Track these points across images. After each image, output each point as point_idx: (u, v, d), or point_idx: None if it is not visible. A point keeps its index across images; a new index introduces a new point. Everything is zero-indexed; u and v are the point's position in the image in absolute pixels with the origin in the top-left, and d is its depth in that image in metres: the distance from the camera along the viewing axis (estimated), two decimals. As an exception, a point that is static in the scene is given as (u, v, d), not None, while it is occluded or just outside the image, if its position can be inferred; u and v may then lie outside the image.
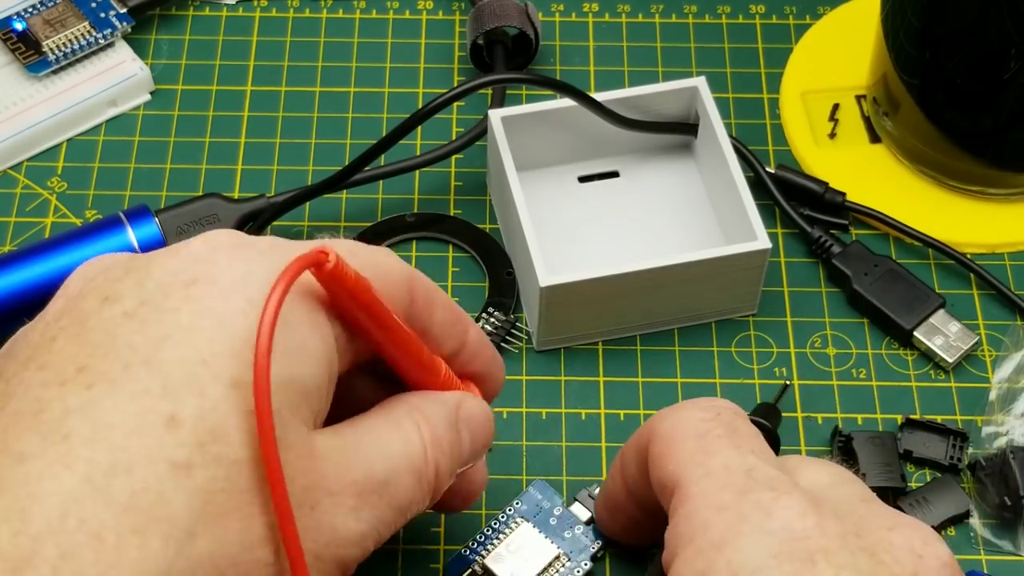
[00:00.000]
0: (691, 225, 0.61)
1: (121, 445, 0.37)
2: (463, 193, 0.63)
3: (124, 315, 0.39)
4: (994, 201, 0.63)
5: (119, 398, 0.37)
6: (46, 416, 0.37)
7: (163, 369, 0.38)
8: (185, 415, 0.37)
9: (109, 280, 0.40)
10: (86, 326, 0.39)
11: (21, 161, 0.64)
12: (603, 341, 0.59)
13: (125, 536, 0.36)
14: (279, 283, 0.38)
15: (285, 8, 0.69)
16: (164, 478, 0.37)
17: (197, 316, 0.39)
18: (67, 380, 0.38)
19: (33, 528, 0.35)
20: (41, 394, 0.38)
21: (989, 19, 0.56)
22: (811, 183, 0.62)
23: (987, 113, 0.60)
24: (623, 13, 0.70)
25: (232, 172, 0.64)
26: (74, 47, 0.65)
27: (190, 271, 0.40)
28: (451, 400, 0.46)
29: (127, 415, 0.37)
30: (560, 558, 0.51)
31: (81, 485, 0.36)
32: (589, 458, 0.56)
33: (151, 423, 0.37)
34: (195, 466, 0.37)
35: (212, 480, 0.37)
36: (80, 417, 0.37)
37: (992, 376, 0.58)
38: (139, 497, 0.36)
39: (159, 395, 0.37)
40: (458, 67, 0.68)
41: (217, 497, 0.37)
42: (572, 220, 0.61)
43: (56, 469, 0.36)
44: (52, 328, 0.40)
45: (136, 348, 0.38)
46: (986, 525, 0.54)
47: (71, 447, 0.36)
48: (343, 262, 0.40)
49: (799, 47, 0.68)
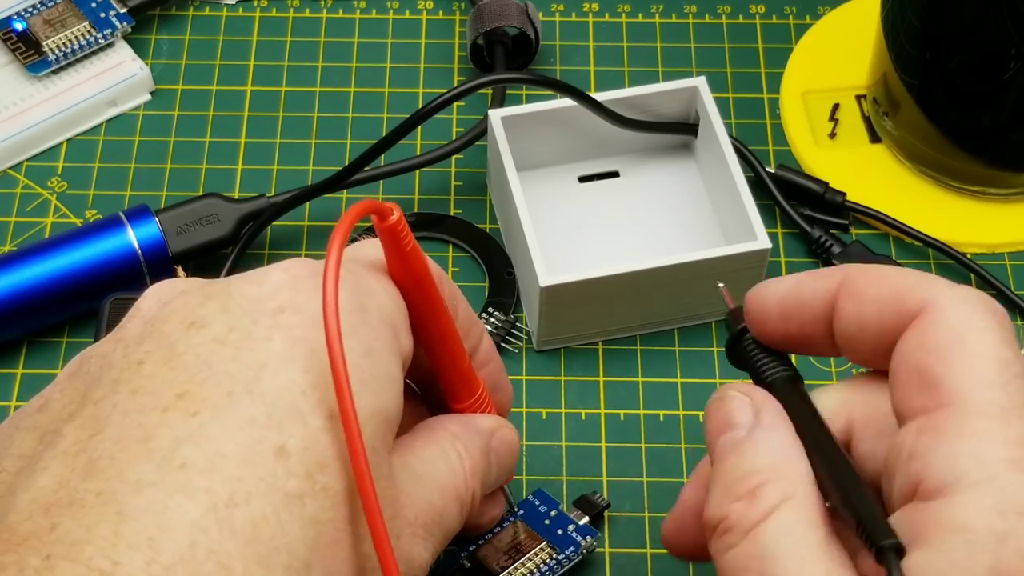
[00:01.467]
0: (691, 225, 0.61)
1: (237, 475, 0.37)
2: (463, 193, 0.63)
3: (215, 341, 0.39)
4: (994, 201, 0.63)
5: (227, 427, 0.37)
6: (155, 444, 0.37)
7: (266, 399, 0.38)
8: (292, 446, 0.37)
9: (190, 304, 0.40)
10: (175, 351, 0.39)
11: (21, 161, 0.64)
12: (603, 341, 0.59)
13: (251, 567, 0.36)
14: (338, 229, 0.38)
15: (285, 8, 0.69)
16: (280, 509, 0.37)
17: (290, 345, 0.39)
18: (168, 407, 0.38)
19: (165, 558, 0.35)
20: (143, 420, 0.37)
21: (989, 19, 0.56)
22: (811, 183, 0.62)
23: (987, 113, 0.60)
24: (623, 13, 0.70)
25: (232, 172, 0.64)
26: (74, 47, 0.65)
27: (275, 299, 0.40)
28: (486, 428, 0.46)
29: (238, 444, 0.37)
30: (547, 549, 0.51)
31: (205, 515, 0.36)
32: (589, 458, 0.56)
33: (262, 453, 0.37)
34: (306, 496, 0.37)
35: (321, 510, 0.38)
36: (192, 446, 0.37)
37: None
38: (260, 528, 0.36)
39: (265, 425, 0.37)
40: (458, 67, 0.68)
41: (326, 528, 0.38)
42: (572, 220, 0.61)
43: (179, 499, 0.36)
44: (136, 351, 0.40)
45: (235, 376, 0.38)
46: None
47: (188, 477, 0.36)
48: (404, 221, 0.40)
49: (799, 47, 0.68)
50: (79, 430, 0.38)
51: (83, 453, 0.37)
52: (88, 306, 0.58)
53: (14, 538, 0.36)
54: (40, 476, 0.37)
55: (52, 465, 0.37)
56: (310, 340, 0.39)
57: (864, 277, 0.40)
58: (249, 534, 0.36)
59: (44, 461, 0.38)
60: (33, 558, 0.35)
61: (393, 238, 0.41)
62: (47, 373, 0.58)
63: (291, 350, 0.39)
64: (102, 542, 0.35)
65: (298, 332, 0.39)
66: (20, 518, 0.36)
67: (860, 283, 0.40)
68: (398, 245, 0.41)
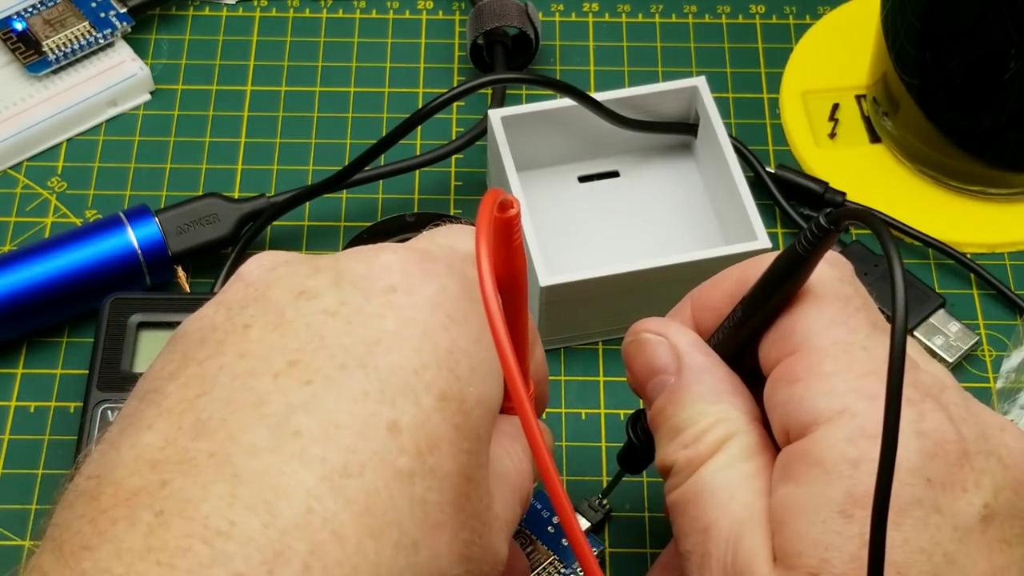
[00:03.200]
0: (691, 225, 0.61)
1: (351, 447, 0.36)
2: (463, 193, 0.63)
3: (325, 312, 0.39)
4: (994, 201, 0.63)
5: (341, 398, 0.37)
6: (269, 409, 0.37)
7: (380, 374, 0.38)
8: (404, 423, 0.37)
9: (297, 274, 0.40)
10: (284, 317, 0.39)
11: (21, 161, 0.64)
12: (603, 341, 0.59)
13: (364, 539, 0.36)
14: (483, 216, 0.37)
15: (285, 8, 0.70)
16: (391, 484, 0.37)
17: (402, 324, 0.39)
18: (280, 373, 0.37)
19: (282, 522, 0.35)
20: (254, 384, 0.37)
21: (989, 19, 0.56)
22: (811, 183, 0.62)
23: (987, 113, 0.60)
24: (623, 13, 0.70)
25: (232, 172, 0.64)
26: (74, 47, 0.65)
27: (386, 279, 0.40)
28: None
29: (353, 416, 0.37)
30: (554, 563, 0.51)
31: (320, 483, 0.36)
32: (589, 458, 0.56)
33: (375, 427, 0.37)
34: (416, 475, 0.37)
35: (429, 490, 0.37)
36: (306, 414, 0.37)
37: (1003, 366, 0.58)
38: (372, 501, 0.36)
39: (378, 400, 0.37)
40: (458, 67, 0.68)
41: (432, 509, 0.37)
42: (572, 220, 0.61)
43: (294, 466, 0.36)
44: (241, 315, 0.39)
45: (348, 349, 0.38)
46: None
47: (303, 445, 0.36)
48: (520, 217, 0.40)
49: (799, 47, 0.68)
50: (183, 388, 0.38)
51: (189, 412, 0.37)
52: (88, 306, 0.58)
53: (121, 492, 0.35)
54: (145, 433, 0.37)
55: (157, 423, 0.37)
56: (422, 322, 0.39)
57: (733, 271, 0.45)
58: (362, 506, 0.36)
59: (148, 419, 0.37)
60: (145, 513, 0.35)
61: (508, 231, 0.40)
62: (47, 373, 0.58)
63: (403, 330, 0.39)
64: (218, 501, 0.35)
65: (409, 313, 0.39)
66: (126, 473, 0.36)
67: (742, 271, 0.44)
68: (509, 238, 0.40)
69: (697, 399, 0.43)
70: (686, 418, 0.43)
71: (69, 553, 0.35)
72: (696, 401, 0.43)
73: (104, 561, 0.34)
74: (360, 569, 0.36)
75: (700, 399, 0.43)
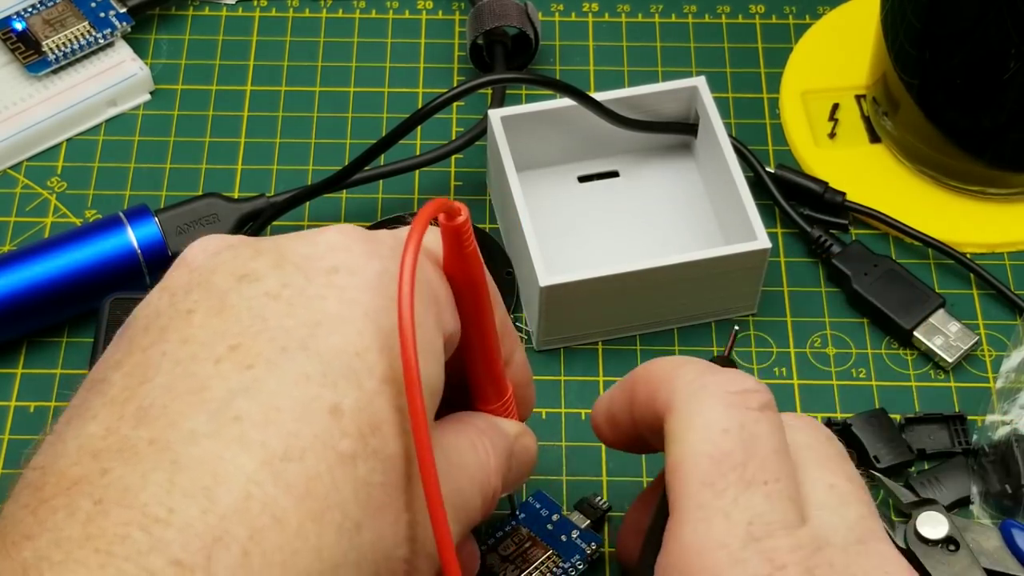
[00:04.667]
0: (691, 225, 0.61)
1: (292, 431, 0.36)
2: (463, 193, 0.63)
3: (267, 295, 0.39)
4: (994, 201, 0.63)
5: (282, 382, 0.37)
6: (209, 395, 0.37)
7: (322, 357, 0.38)
8: (346, 405, 0.37)
9: (240, 257, 0.40)
10: (226, 302, 0.39)
11: (21, 161, 0.64)
12: (603, 341, 0.59)
13: (305, 523, 0.36)
14: (416, 226, 0.38)
15: (285, 8, 0.69)
16: (333, 467, 0.37)
17: (344, 306, 0.39)
18: (221, 358, 0.37)
19: (220, 508, 0.35)
20: (195, 370, 0.37)
21: (989, 19, 0.56)
22: (811, 183, 0.62)
23: (987, 113, 0.60)
24: (623, 13, 0.70)
25: (232, 172, 0.64)
26: (74, 47, 0.65)
27: (329, 259, 0.40)
28: (511, 432, 0.46)
29: (294, 400, 0.37)
30: (552, 558, 0.51)
31: (260, 468, 0.36)
32: (589, 458, 0.56)
33: (317, 410, 0.37)
34: (358, 457, 0.37)
35: (371, 472, 0.37)
36: (247, 399, 0.37)
37: (1002, 366, 0.58)
38: (314, 484, 0.36)
39: (320, 383, 0.37)
40: (458, 67, 0.68)
41: (375, 491, 0.37)
42: (572, 220, 0.61)
43: (234, 451, 0.36)
44: (184, 300, 0.39)
45: (290, 331, 0.38)
46: (985, 511, 0.54)
47: (243, 429, 0.36)
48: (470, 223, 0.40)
49: (799, 47, 0.68)
50: (127, 377, 0.38)
51: (132, 400, 0.37)
52: (88, 306, 0.58)
53: (63, 482, 0.36)
54: (89, 424, 0.37)
55: (101, 412, 0.37)
56: (364, 303, 0.39)
57: (636, 383, 0.45)
58: (303, 490, 0.36)
59: (93, 409, 0.37)
60: (84, 501, 0.35)
61: (456, 238, 0.41)
62: (47, 373, 0.58)
63: (345, 311, 0.38)
64: (156, 488, 0.35)
65: (352, 294, 0.39)
66: (69, 463, 0.36)
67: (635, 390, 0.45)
68: (459, 245, 0.41)
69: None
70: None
71: (11, 543, 0.35)
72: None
73: (44, 550, 0.34)
74: (301, 553, 0.36)
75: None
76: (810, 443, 0.44)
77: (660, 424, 0.43)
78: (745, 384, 0.43)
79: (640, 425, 0.45)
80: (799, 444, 0.43)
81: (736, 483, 0.41)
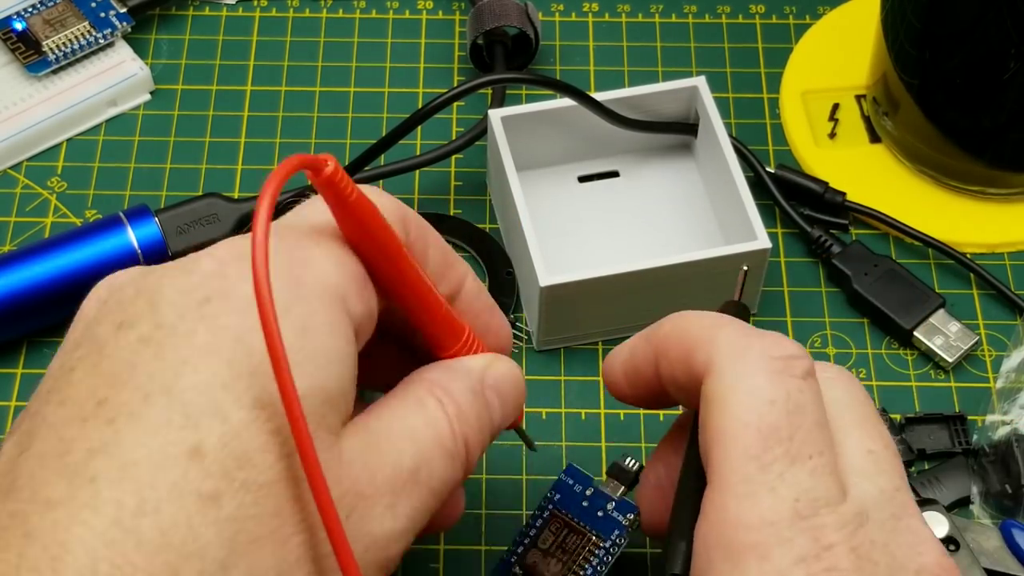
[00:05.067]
0: (691, 225, 0.61)
1: (148, 483, 0.36)
2: (463, 193, 0.63)
3: (140, 341, 0.38)
4: (994, 201, 0.63)
5: (140, 432, 0.36)
6: (71, 459, 0.36)
7: (184, 397, 0.37)
8: (208, 444, 0.36)
9: (122, 303, 0.39)
10: (103, 354, 0.38)
11: (21, 161, 0.64)
12: (603, 341, 0.59)
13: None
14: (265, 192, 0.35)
15: (285, 8, 0.70)
16: (192, 512, 0.36)
17: (213, 336, 0.37)
18: (88, 416, 0.37)
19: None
20: (64, 433, 0.37)
21: (989, 19, 0.56)
22: (811, 183, 0.62)
23: (987, 113, 0.60)
24: (623, 13, 0.70)
25: (232, 172, 0.64)
26: (74, 47, 0.65)
27: (202, 289, 0.38)
28: (476, 366, 0.44)
29: (150, 450, 0.36)
30: (592, 542, 0.50)
31: (110, 529, 0.35)
32: (589, 458, 0.56)
33: (174, 456, 0.36)
34: (223, 495, 0.36)
35: (240, 507, 0.36)
36: (104, 457, 0.36)
37: (1002, 366, 0.58)
38: (169, 535, 0.35)
39: (180, 425, 0.36)
40: (458, 67, 0.68)
41: (247, 525, 0.36)
42: (572, 220, 0.61)
43: (85, 515, 0.35)
44: (71, 358, 0.39)
45: (154, 376, 0.37)
46: (985, 511, 0.54)
47: (97, 490, 0.35)
48: (342, 171, 0.37)
49: (799, 47, 0.68)
50: (13, 448, 0.37)
51: (9, 473, 0.37)
52: (88, 306, 0.58)
53: None
54: None
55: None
56: (235, 327, 0.37)
57: (667, 339, 0.44)
58: (158, 543, 0.35)
59: None
60: None
61: (333, 190, 0.38)
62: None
63: (214, 342, 0.37)
64: (5, 566, 0.34)
65: (223, 321, 0.37)
66: None
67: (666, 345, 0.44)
68: (340, 197, 0.38)
69: None
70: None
71: None
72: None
73: None
74: None
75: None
76: (849, 402, 0.43)
77: (693, 384, 0.42)
78: (789, 349, 0.42)
79: (667, 381, 0.44)
80: (838, 402, 0.43)
81: (782, 457, 0.40)
